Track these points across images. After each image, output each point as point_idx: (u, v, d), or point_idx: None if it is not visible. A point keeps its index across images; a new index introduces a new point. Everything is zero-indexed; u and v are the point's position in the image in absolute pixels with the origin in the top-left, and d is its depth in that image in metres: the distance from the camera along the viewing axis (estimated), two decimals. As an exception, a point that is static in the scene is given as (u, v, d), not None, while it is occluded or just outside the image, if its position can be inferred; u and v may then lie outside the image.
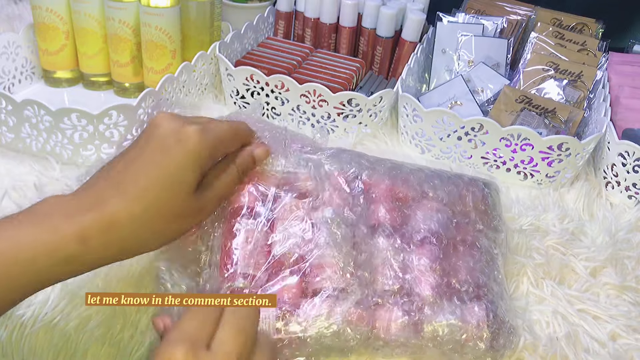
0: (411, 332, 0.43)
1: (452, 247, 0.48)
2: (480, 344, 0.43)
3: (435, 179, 0.52)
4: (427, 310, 0.44)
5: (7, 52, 0.73)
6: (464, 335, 0.43)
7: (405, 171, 0.51)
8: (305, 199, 0.46)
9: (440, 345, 0.43)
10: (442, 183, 0.51)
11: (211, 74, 0.78)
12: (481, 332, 0.44)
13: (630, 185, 0.66)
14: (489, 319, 0.44)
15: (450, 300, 0.45)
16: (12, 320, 0.46)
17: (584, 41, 0.83)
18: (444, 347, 0.44)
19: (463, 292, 0.45)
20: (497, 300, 0.46)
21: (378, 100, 0.70)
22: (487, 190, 0.53)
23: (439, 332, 0.43)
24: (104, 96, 0.79)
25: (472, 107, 0.74)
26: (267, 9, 0.90)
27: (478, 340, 0.43)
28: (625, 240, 0.60)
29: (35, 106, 0.58)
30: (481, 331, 0.44)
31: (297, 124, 0.73)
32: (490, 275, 0.48)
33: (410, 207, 0.50)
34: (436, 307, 0.44)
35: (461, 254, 0.48)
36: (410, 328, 0.43)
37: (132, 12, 0.72)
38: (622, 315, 0.52)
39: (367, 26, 0.82)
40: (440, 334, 0.43)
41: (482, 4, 0.90)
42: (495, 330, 0.44)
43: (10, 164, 0.62)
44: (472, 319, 0.44)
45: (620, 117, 0.72)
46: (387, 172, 0.51)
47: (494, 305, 0.45)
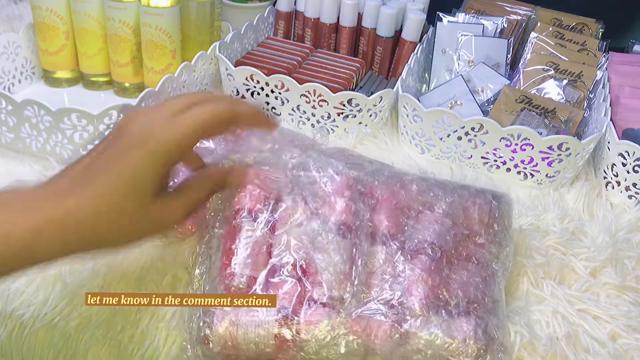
0: (396, 343, 0.42)
1: (447, 260, 0.47)
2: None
3: (438, 189, 0.50)
4: (414, 322, 0.43)
5: (7, 52, 0.73)
6: (449, 349, 0.43)
7: (407, 180, 0.51)
8: (306, 204, 0.46)
9: (424, 358, 0.43)
10: (444, 194, 0.50)
11: (211, 74, 0.78)
12: (467, 348, 0.43)
13: (630, 185, 0.66)
14: (476, 335, 0.43)
15: (437, 313, 0.44)
16: (12, 320, 0.46)
17: (584, 41, 0.83)
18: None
19: (452, 305, 0.44)
20: (488, 316, 0.45)
21: (378, 100, 0.70)
22: (496, 202, 0.51)
23: (423, 345, 0.42)
24: (104, 96, 0.79)
25: (472, 107, 0.74)
26: (267, 9, 0.90)
27: (463, 356, 0.43)
28: (625, 240, 0.60)
29: (35, 106, 0.58)
30: (467, 347, 0.43)
31: (297, 124, 0.73)
32: (484, 291, 0.46)
33: (409, 216, 0.49)
34: (423, 319, 0.43)
35: (455, 267, 0.47)
36: (396, 340, 0.42)
37: (132, 12, 0.72)
38: (622, 315, 0.52)
39: (367, 26, 0.82)
40: (425, 347, 0.43)
41: (482, 4, 0.90)
42: (482, 347, 0.43)
43: (10, 164, 0.62)
44: (459, 334, 0.43)
45: (620, 117, 0.72)
46: (388, 180, 0.50)
47: (483, 322, 0.44)
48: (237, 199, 0.46)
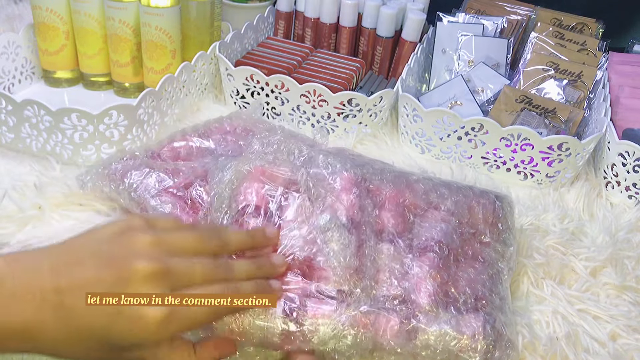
0: (405, 339, 0.43)
1: (454, 258, 0.48)
2: (474, 355, 0.43)
3: (443, 189, 0.51)
4: (423, 318, 0.43)
5: (7, 52, 0.73)
6: (458, 345, 0.43)
7: (413, 179, 0.51)
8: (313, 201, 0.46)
9: (433, 354, 0.43)
10: (450, 193, 0.51)
11: (211, 74, 0.78)
12: (476, 344, 0.43)
13: (630, 185, 0.66)
14: (485, 331, 0.43)
15: (446, 309, 0.44)
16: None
17: (584, 41, 0.83)
18: (437, 356, 0.43)
19: (461, 302, 0.45)
20: (496, 313, 0.45)
21: (378, 100, 0.70)
22: (499, 203, 0.53)
23: (432, 340, 0.43)
24: (104, 96, 0.79)
25: (472, 107, 0.74)
26: (267, 9, 0.90)
27: (472, 352, 0.43)
28: (625, 240, 0.60)
29: (35, 106, 0.58)
30: (476, 343, 0.43)
31: (297, 124, 0.73)
32: (491, 288, 0.47)
33: (416, 214, 0.49)
34: (432, 315, 0.43)
35: (463, 264, 0.48)
36: (404, 335, 0.43)
37: (132, 12, 0.72)
38: (622, 315, 0.52)
39: (367, 26, 0.82)
40: (434, 342, 0.43)
41: (482, 4, 0.90)
42: (490, 342, 0.43)
43: (10, 164, 0.62)
44: (467, 329, 0.43)
45: (620, 117, 0.72)
46: (394, 179, 0.50)
47: (491, 318, 0.44)
48: (243, 196, 0.46)
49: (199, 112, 0.76)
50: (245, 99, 0.74)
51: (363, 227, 0.46)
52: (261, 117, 0.66)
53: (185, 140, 0.59)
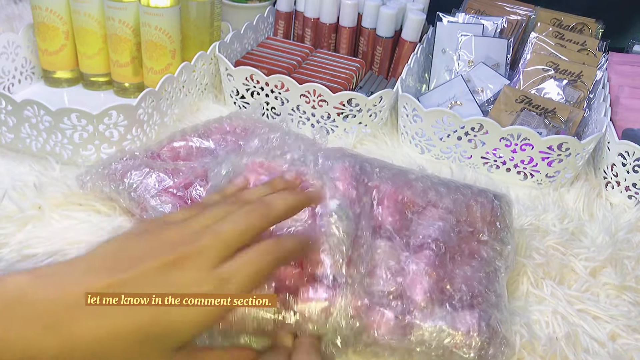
0: (400, 334, 0.43)
1: (451, 255, 0.48)
2: (468, 352, 0.43)
3: (441, 187, 0.51)
4: (418, 314, 0.43)
5: (7, 52, 0.73)
6: (452, 341, 0.43)
7: (412, 177, 0.51)
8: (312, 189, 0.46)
9: (428, 349, 0.43)
10: (448, 191, 0.51)
11: (211, 74, 0.78)
12: (470, 340, 0.43)
13: (630, 185, 0.66)
14: (480, 328, 0.43)
15: (441, 306, 0.44)
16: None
17: (584, 41, 0.83)
18: (432, 352, 0.43)
19: (456, 299, 0.45)
20: (491, 310, 0.45)
21: (378, 100, 0.70)
22: (497, 202, 0.53)
23: (427, 336, 0.43)
24: (103, 96, 0.79)
25: (472, 107, 0.74)
26: (267, 9, 0.90)
27: (466, 348, 0.43)
28: (625, 240, 0.60)
29: (35, 106, 0.58)
30: (470, 339, 0.43)
31: (297, 124, 0.73)
32: (488, 286, 0.47)
33: (413, 212, 0.50)
34: (427, 311, 0.44)
35: (459, 262, 0.48)
36: (399, 330, 0.43)
37: (132, 12, 0.72)
38: (622, 315, 0.52)
39: (367, 26, 0.82)
40: (429, 338, 0.43)
41: (482, 4, 0.90)
42: (485, 339, 0.43)
43: (10, 164, 0.62)
44: (462, 326, 0.43)
45: (620, 117, 0.72)
46: (393, 176, 0.51)
47: (486, 315, 0.45)
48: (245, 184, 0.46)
49: (199, 112, 0.76)
50: (245, 99, 0.74)
51: (360, 220, 0.46)
52: (261, 117, 0.66)
53: (185, 140, 0.59)
